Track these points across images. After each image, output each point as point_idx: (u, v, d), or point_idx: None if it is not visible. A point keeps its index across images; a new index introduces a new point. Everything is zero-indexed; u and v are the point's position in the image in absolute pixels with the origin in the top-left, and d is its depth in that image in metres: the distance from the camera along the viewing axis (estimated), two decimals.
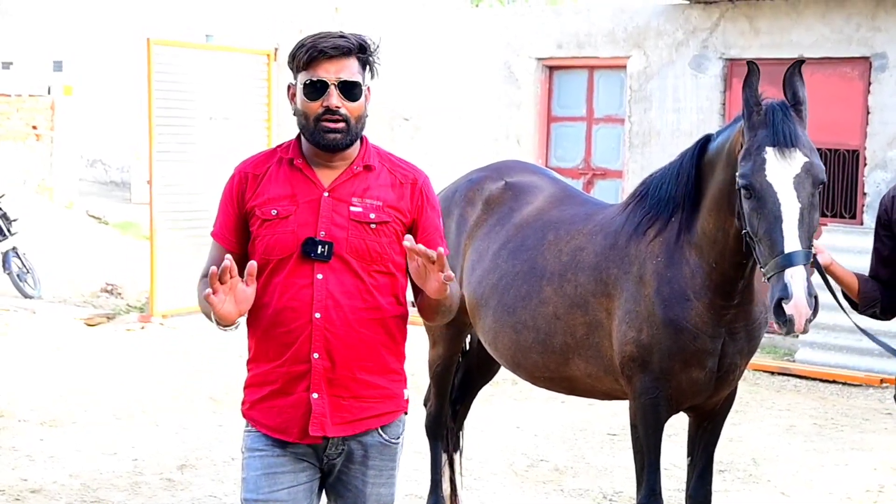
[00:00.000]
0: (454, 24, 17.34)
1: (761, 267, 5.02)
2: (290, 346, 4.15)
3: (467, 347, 7.46)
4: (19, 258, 15.74)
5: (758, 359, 12.89)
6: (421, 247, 3.92)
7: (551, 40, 16.18)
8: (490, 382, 7.86)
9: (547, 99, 16.45)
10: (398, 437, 4.38)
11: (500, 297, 6.30)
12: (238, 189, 4.27)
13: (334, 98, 4.10)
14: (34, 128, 20.69)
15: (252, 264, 4.00)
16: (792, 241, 4.88)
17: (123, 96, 23.82)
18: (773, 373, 12.79)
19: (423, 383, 7.67)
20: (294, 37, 17.91)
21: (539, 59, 16.36)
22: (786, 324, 4.85)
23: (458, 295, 4.39)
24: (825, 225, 12.59)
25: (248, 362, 4.33)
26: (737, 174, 5.09)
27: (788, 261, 4.85)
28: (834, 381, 12.43)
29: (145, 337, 13.61)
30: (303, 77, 4.14)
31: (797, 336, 4.94)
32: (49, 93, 21.76)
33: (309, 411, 4.15)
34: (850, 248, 11.50)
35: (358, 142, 4.25)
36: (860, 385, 12.27)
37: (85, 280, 16.47)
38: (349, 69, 4.15)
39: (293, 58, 4.18)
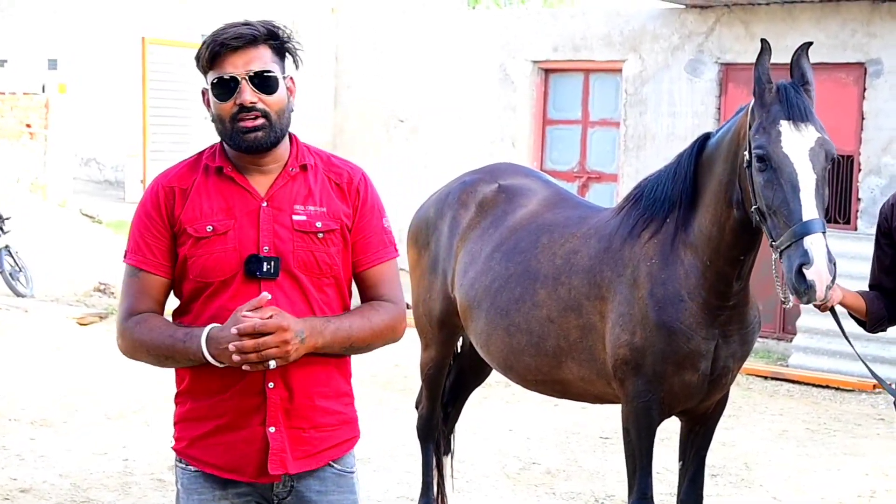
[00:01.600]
0: (450, 26, 17.35)
1: (773, 241, 4.98)
2: (240, 377, 3.66)
3: (459, 350, 7.44)
4: (12, 257, 15.70)
5: (751, 363, 12.90)
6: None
7: (547, 43, 16.18)
8: (482, 385, 7.85)
9: (542, 102, 16.45)
10: (353, 467, 3.96)
11: (493, 300, 6.28)
12: (166, 205, 3.77)
13: (247, 93, 3.65)
14: (28, 126, 20.65)
15: (266, 296, 3.57)
16: (810, 210, 4.87)
17: (118, 95, 23.79)
18: (765, 377, 12.79)
19: (415, 386, 7.65)
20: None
21: (535, 61, 16.37)
22: (807, 291, 4.81)
23: (363, 329, 3.80)
24: None
25: (181, 395, 3.84)
26: (750, 148, 5.08)
27: (807, 228, 4.83)
28: (827, 387, 12.43)
29: None
30: (211, 76, 3.70)
31: (818, 305, 4.89)
32: (43, 91, 21.74)
33: (265, 447, 3.72)
34: (844, 253, 11.47)
35: (287, 140, 3.83)
36: (853, 390, 12.27)
37: (78, 279, 16.44)
38: (260, 59, 3.69)
39: (198, 59, 3.73)
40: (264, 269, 3.69)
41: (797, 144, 4.98)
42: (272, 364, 3.53)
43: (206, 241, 3.69)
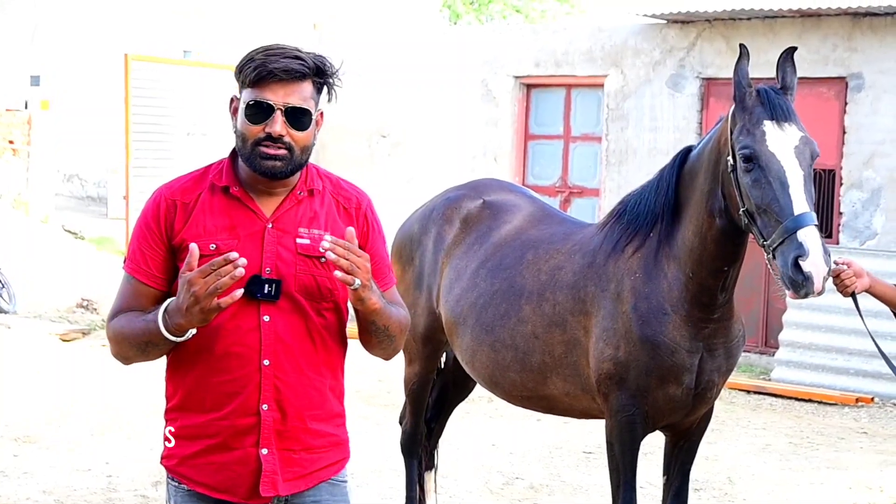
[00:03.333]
0: (432, 41, 17.37)
1: (765, 240, 5.01)
2: (234, 397, 3.69)
3: (443, 365, 7.44)
4: None
5: (734, 377, 12.89)
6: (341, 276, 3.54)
7: (529, 58, 16.21)
8: (466, 400, 7.84)
9: (524, 117, 16.48)
10: (345, 476, 3.96)
11: (479, 316, 6.28)
12: (166, 218, 3.76)
13: (278, 125, 3.65)
14: (10, 142, 20.58)
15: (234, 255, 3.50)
16: (801, 204, 4.91)
17: (101, 111, 23.73)
18: (749, 391, 12.82)
19: (399, 401, 7.64)
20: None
21: (517, 77, 16.40)
22: (804, 283, 4.82)
23: (399, 320, 3.89)
24: None
25: (172, 411, 3.85)
26: (734, 151, 5.11)
27: (800, 222, 4.87)
28: (809, 400, 12.47)
29: None
30: (247, 95, 3.70)
31: (815, 295, 4.88)
32: (26, 107, 21.68)
33: (258, 468, 3.71)
34: None
35: (301, 170, 3.81)
36: (835, 404, 12.30)
37: (60, 295, 16.38)
38: (300, 94, 3.70)
39: (240, 70, 3.72)
40: (265, 291, 3.67)
41: (782, 142, 5.02)
42: (357, 283, 3.56)
43: (208, 258, 3.58)
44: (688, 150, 5.68)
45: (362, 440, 9.59)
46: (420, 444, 7.34)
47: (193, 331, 3.61)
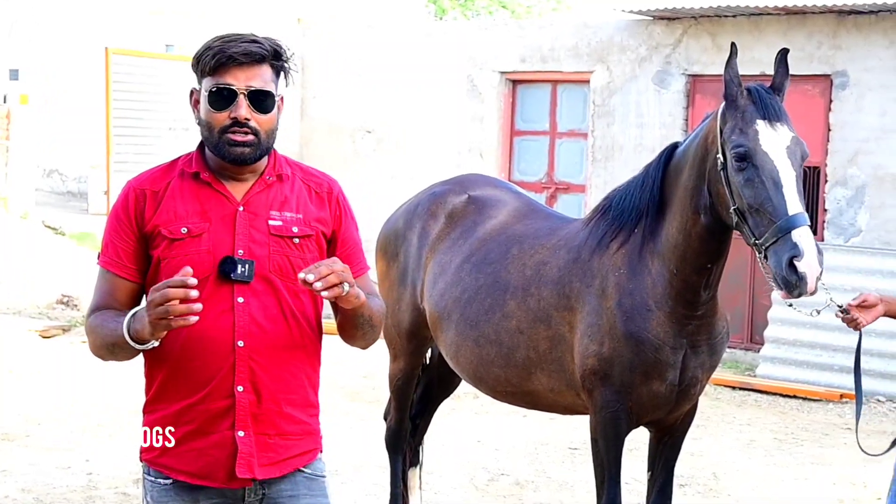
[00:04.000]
0: (418, 36, 17.32)
1: (756, 239, 4.99)
2: (209, 380, 3.71)
3: (428, 361, 7.41)
4: None
5: (719, 373, 12.90)
6: (309, 277, 3.51)
7: (515, 54, 16.17)
8: (451, 396, 7.82)
9: (510, 113, 16.44)
10: (323, 472, 3.97)
11: (463, 311, 6.25)
12: (136, 208, 3.78)
13: (243, 109, 3.68)
14: None
15: (189, 269, 3.44)
16: (794, 204, 4.90)
17: (81, 106, 23.67)
18: (734, 387, 12.81)
19: (384, 397, 7.61)
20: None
21: (502, 72, 16.35)
22: (798, 283, 4.82)
23: (378, 308, 3.93)
24: None
25: (149, 404, 3.85)
26: (724, 149, 5.10)
27: (794, 222, 4.86)
28: (794, 396, 12.46)
29: None
30: (208, 83, 3.71)
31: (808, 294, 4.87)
32: (5, 102, 21.62)
33: (235, 451, 3.72)
34: None
35: (268, 154, 3.85)
36: (820, 400, 12.30)
37: (40, 291, 16.31)
38: (261, 77, 3.72)
39: (198, 60, 3.74)
40: (238, 272, 3.69)
41: (775, 142, 5.02)
42: (346, 287, 3.56)
43: (180, 242, 3.69)
44: (674, 146, 5.67)
45: (347, 436, 9.56)
46: (405, 440, 7.31)
47: (155, 342, 3.59)
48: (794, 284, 4.83)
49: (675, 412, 5.80)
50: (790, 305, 5.36)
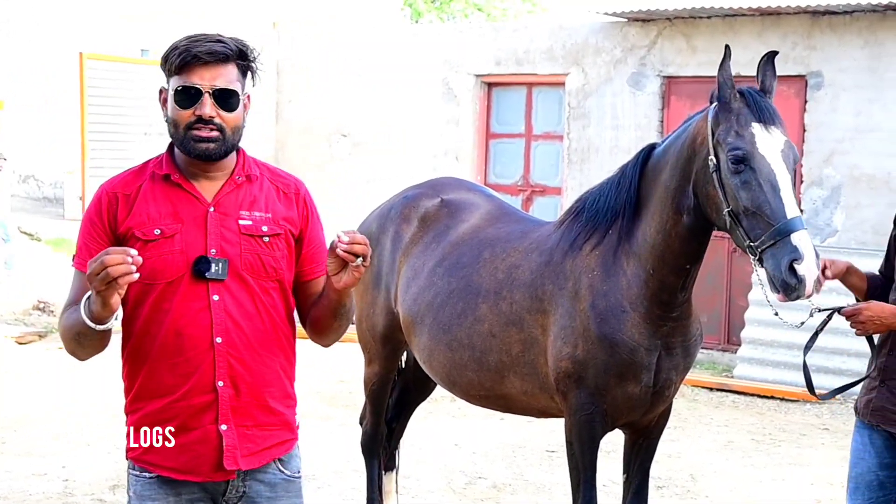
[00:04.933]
0: (393, 40, 17.31)
1: (751, 242, 5.00)
2: (189, 376, 3.81)
3: (403, 365, 7.40)
4: None
5: (696, 375, 12.93)
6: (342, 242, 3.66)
7: (490, 57, 16.18)
8: (428, 400, 7.82)
9: (485, 115, 16.45)
10: (299, 471, 4.08)
11: (436, 315, 6.25)
12: (108, 211, 3.87)
13: (207, 107, 3.78)
14: None
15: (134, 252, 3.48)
16: (792, 208, 4.92)
17: (57, 111, 23.57)
18: (711, 389, 12.83)
19: (360, 401, 7.59)
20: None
21: (478, 75, 16.36)
22: (797, 286, 4.83)
23: (353, 308, 4.07)
24: None
25: (131, 403, 3.94)
26: (717, 151, 5.10)
27: (793, 225, 4.87)
28: (771, 397, 12.48)
29: None
30: (175, 82, 3.81)
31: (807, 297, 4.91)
32: None
33: (219, 445, 3.83)
34: None
35: (234, 152, 3.95)
36: (797, 401, 12.31)
37: (16, 297, 16.25)
38: (226, 76, 3.83)
39: (165, 59, 3.84)
40: (212, 270, 3.80)
41: (770, 145, 5.03)
42: (359, 260, 3.69)
43: (153, 243, 3.79)
44: (651, 147, 5.67)
45: (324, 441, 9.54)
46: (381, 445, 7.31)
47: (113, 322, 3.62)
48: (792, 287, 4.84)
49: (650, 414, 5.81)
50: (776, 314, 5.39)
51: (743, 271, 13.73)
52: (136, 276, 3.46)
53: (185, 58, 3.78)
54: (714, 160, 5.11)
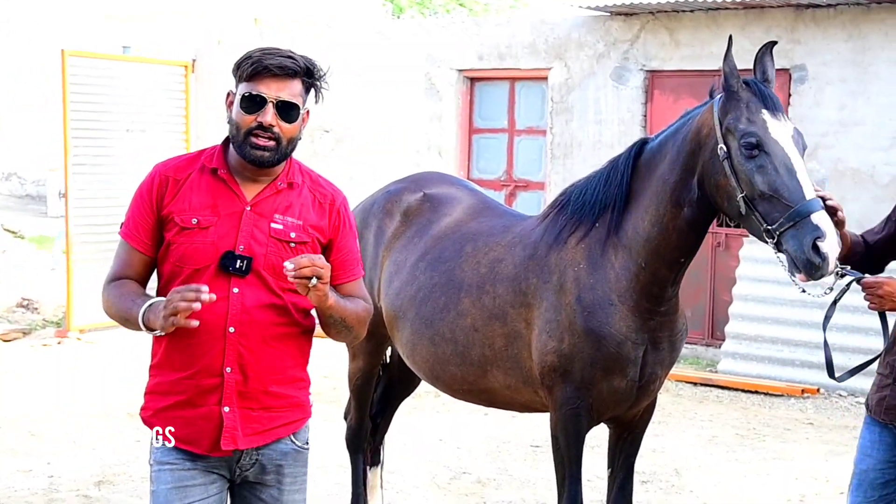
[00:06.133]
0: (375, 35, 17.28)
1: (769, 225, 5.00)
2: (200, 359, 4.09)
3: (388, 360, 7.39)
4: None
5: (680, 369, 12.93)
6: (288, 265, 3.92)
7: (472, 52, 16.16)
8: (412, 395, 7.81)
9: (468, 111, 16.43)
10: (307, 443, 4.38)
11: (418, 310, 6.25)
12: (158, 191, 4.17)
13: (269, 116, 4.05)
14: None
15: (206, 287, 3.88)
16: (809, 189, 4.94)
17: (39, 108, 23.52)
18: (695, 383, 12.82)
19: (345, 397, 7.58)
20: (212, 49, 17.76)
21: (460, 70, 16.34)
22: (821, 264, 4.83)
23: (356, 312, 4.28)
24: (746, 236, 12.65)
25: (152, 367, 4.25)
26: (726, 139, 5.12)
27: (813, 206, 4.89)
28: (756, 392, 12.49)
29: (62, 352, 13.41)
30: (243, 88, 4.10)
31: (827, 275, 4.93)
32: None
33: (220, 424, 4.11)
34: (769, 259, 11.54)
35: (286, 160, 4.23)
36: (782, 395, 12.32)
37: (0, 295, 16.21)
38: (291, 90, 4.11)
39: (238, 66, 4.13)
40: (236, 266, 4.07)
41: (782, 131, 5.06)
42: (314, 281, 3.91)
43: (189, 231, 4.10)
44: (643, 142, 5.67)
45: (309, 434, 9.51)
46: (365, 440, 7.31)
47: (161, 333, 3.97)
48: (816, 266, 4.84)
49: (635, 408, 5.82)
50: (803, 291, 5.34)
51: (727, 266, 13.74)
52: (196, 324, 3.88)
53: (256, 67, 4.07)
54: (724, 148, 5.12)
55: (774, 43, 5.35)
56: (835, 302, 5.32)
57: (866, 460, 5.40)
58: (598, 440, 7.50)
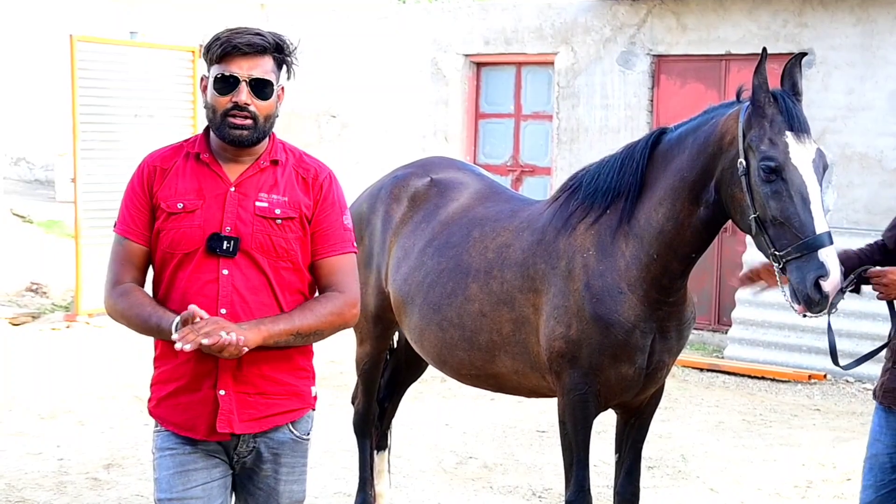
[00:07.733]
0: (382, 20, 17.28)
1: (777, 250, 5.01)
2: None
3: (395, 345, 7.40)
4: None
5: (687, 355, 12.93)
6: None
7: (478, 37, 16.16)
8: (419, 380, 7.82)
9: (475, 95, 16.43)
10: (308, 434, 4.39)
11: (426, 295, 6.25)
12: (148, 181, 4.21)
13: (244, 95, 4.08)
14: None
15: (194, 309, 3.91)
16: (821, 223, 4.94)
17: (47, 94, 23.51)
18: (702, 369, 12.83)
19: (352, 382, 7.60)
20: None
21: (467, 55, 16.34)
22: (820, 302, 4.88)
23: (317, 317, 4.15)
24: None
25: (156, 360, 4.28)
26: (748, 157, 5.09)
27: (821, 241, 4.90)
28: (762, 378, 12.50)
29: (71, 336, 13.44)
30: (215, 70, 4.13)
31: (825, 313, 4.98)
32: None
33: (216, 408, 4.12)
34: None
35: (266, 138, 4.24)
36: (788, 381, 12.33)
37: (9, 279, 16.23)
38: (262, 67, 4.12)
39: (207, 50, 4.15)
40: (223, 247, 4.09)
41: (803, 156, 5.02)
42: (205, 342, 3.84)
43: (175, 216, 4.13)
44: (661, 131, 5.64)
45: (315, 421, 9.52)
46: (372, 425, 7.32)
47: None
48: (815, 302, 4.90)
49: (642, 395, 5.82)
50: (804, 316, 5.34)
51: (733, 251, 13.74)
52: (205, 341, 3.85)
53: (225, 48, 4.08)
54: (744, 163, 5.10)
55: (804, 54, 5.32)
56: (841, 290, 5.33)
57: (876, 444, 5.43)
58: (605, 426, 7.52)
